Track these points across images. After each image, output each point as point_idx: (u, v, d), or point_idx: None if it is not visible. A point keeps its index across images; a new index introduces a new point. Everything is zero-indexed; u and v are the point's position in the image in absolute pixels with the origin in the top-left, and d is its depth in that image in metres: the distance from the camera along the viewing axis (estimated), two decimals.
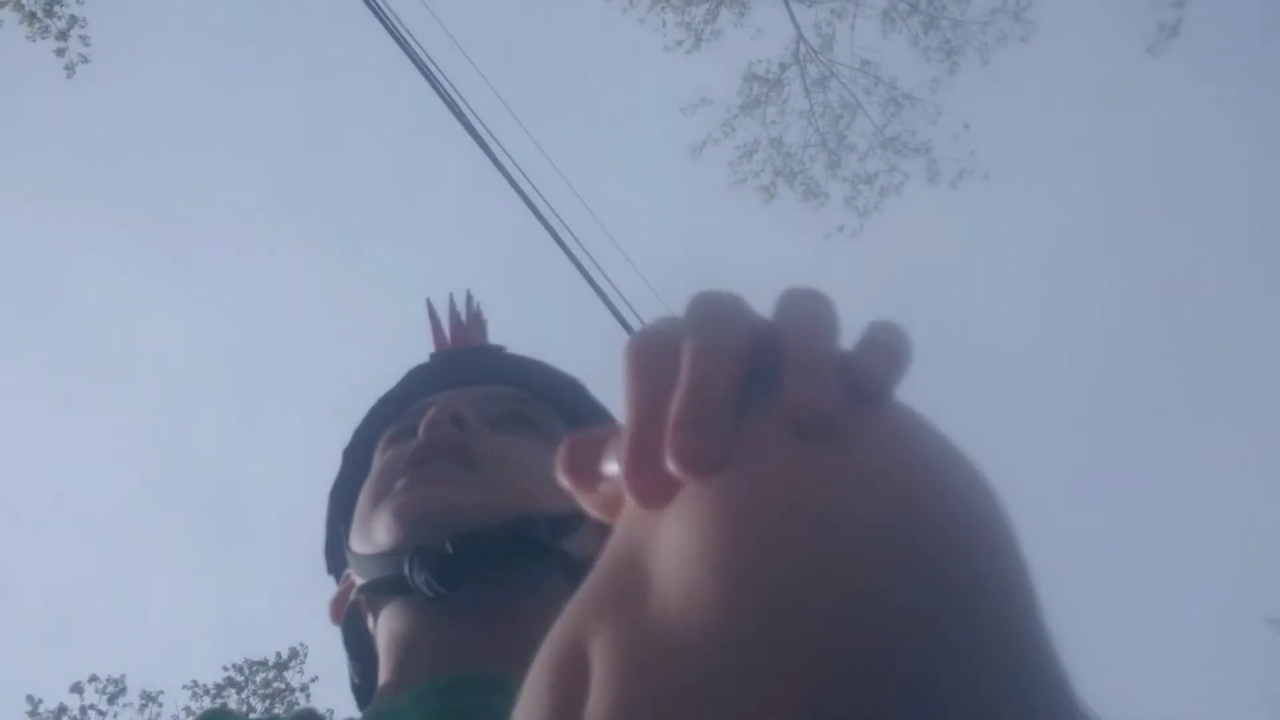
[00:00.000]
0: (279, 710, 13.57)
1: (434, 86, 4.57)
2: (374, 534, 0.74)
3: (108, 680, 13.01)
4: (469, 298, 1.02)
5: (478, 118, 4.57)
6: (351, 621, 0.82)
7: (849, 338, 0.33)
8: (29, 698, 12.64)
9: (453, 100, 4.57)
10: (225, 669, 13.54)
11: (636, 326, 5.01)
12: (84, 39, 10.94)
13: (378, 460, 0.83)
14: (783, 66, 12.91)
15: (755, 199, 13.23)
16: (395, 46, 4.63)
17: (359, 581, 0.77)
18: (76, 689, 12.86)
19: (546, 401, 0.89)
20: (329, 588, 0.88)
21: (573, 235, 4.84)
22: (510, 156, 4.69)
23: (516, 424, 0.83)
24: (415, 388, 0.91)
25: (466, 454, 0.75)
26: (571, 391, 0.92)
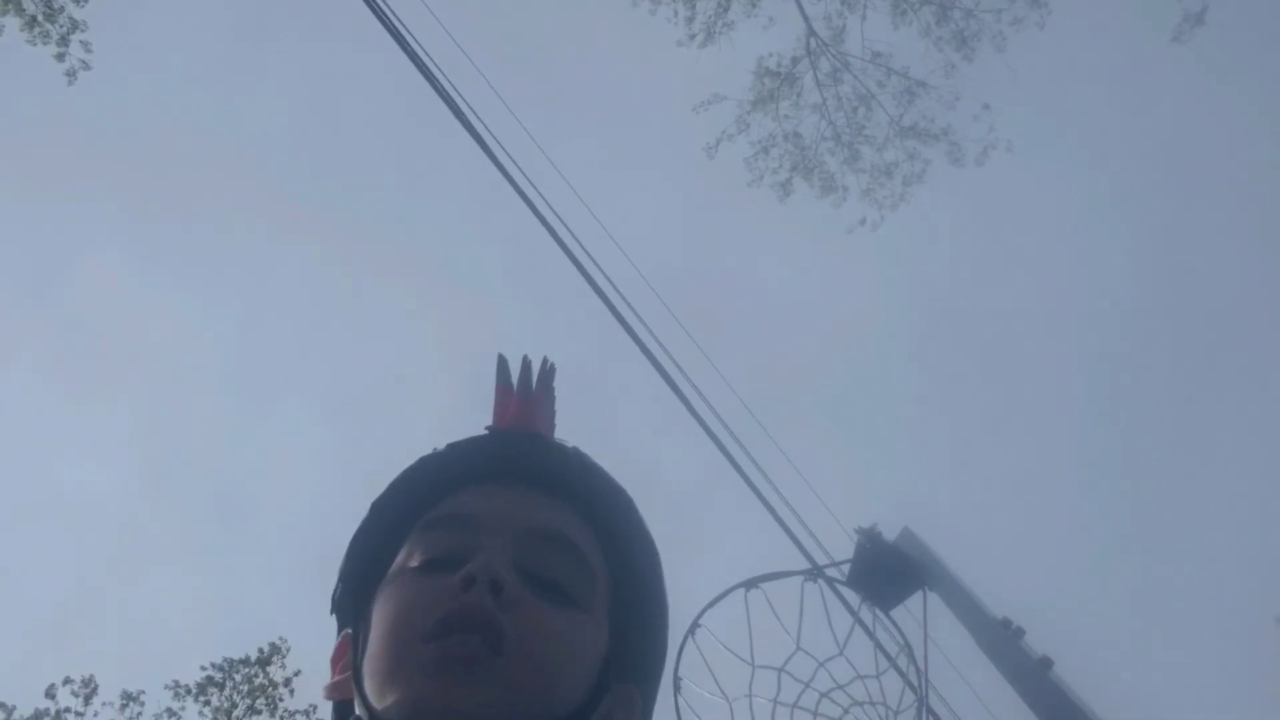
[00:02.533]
0: (261, 704, 13.67)
1: (434, 86, 4.52)
2: (386, 695, 0.73)
3: (81, 682, 12.93)
4: (545, 366, 0.96)
5: (478, 117, 4.52)
6: (340, 709, 0.83)
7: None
8: (1, 705, 12.54)
9: (453, 100, 4.53)
10: (203, 668, 13.50)
11: (641, 333, 5.03)
12: (85, 44, 10.90)
13: (406, 561, 0.82)
14: (794, 60, 12.90)
15: (772, 196, 13.20)
16: (397, 47, 4.58)
17: (359, 713, 0.76)
18: (50, 694, 12.78)
19: (594, 527, 0.87)
20: (321, 587, 0.90)
21: (576, 239, 4.80)
22: (512, 158, 4.64)
23: (555, 578, 0.80)
24: (466, 469, 0.88)
25: (496, 634, 0.73)
26: (624, 514, 0.89)
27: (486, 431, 0.92)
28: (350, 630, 0.84)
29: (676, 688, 4.42)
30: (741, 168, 13.13)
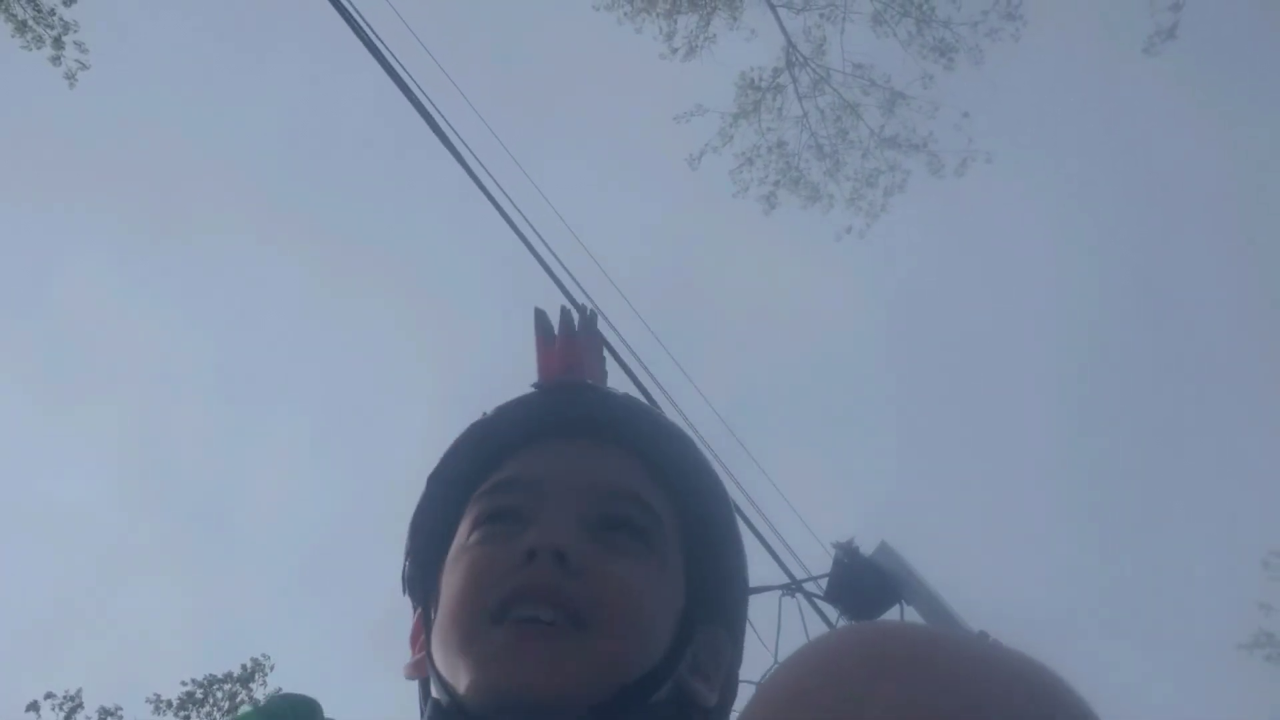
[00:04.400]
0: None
1: (411, 100, 4.54)
2: (459, 678, 0.70)
3: (64, 697, 12.79)
4: (586, 315, 0.93)
5: (457, 132, 4.54)
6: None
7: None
8: None
9: (431, 115, 4.54)
10: (184, 684, 13.40)
11: (621, 351, 5.06)
12: (79, 45, 10.85)
13: (469, 532, 0.78)
14: (775, 72, 13.02)
15: (751, 209, 13.31)
16: (377, 63, 4.60)
17: (436, 696, 0.74)
18: (33, 708, 12.63)
19: (655, 471, 0.83)
20: (314, 602, 0.86)
21: (553, 254, 4.82)
22: (490, 172, 4.66)
23: (623, 531, 0.76)
24: (518, 430, 0.85)
25: (568, 606, 0.69)
26: (682, 454, 0.86)
27: (533, 388, 0.89)
28: (423, 609, 0.82)
29: None
30: (724, 179, 13.24)
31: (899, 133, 12.89)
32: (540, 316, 0.93)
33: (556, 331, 0.93)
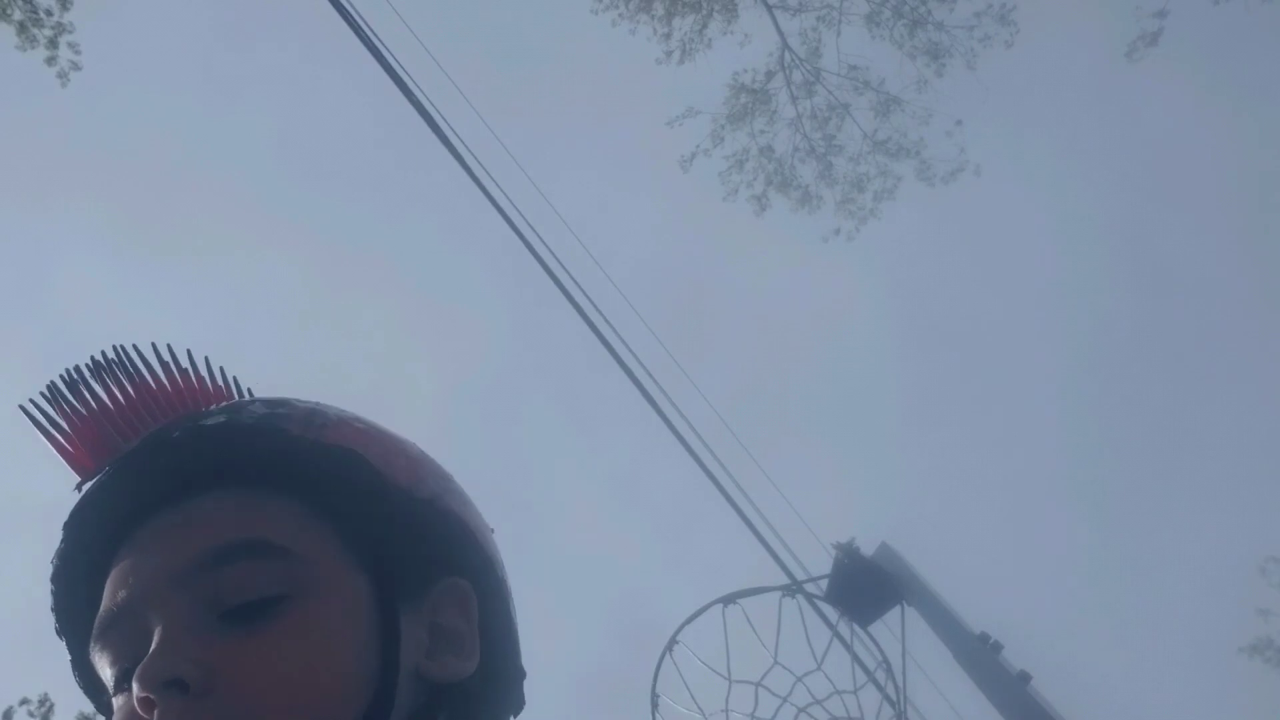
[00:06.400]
0: None
1: (413, 102, 4.53)
2: None
3: (39, 700, 12.72)
4: (71, 378, 0.74)
5: (458, 134, 4.53)
6: None
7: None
8: None
9: (433, 118, 4.53)
10: None
11: (623, 353, 5.04)
12: (73, 46, 10.95)
13: (113, 692, 0.68)
14: (769, 74, 13.06)
15: (748, 210, 13.35)
16: (379, 66, 4.59)
17: None
18: (7, 715, 12.56)
19: (275, 483, 0.70)
20: None
21: (555, 257, 4.80)
22: (491, 175, 4.65)
23: (247, 606, 0.64)
24: (97, 548, 0.71)
25: None
26: (295, 445, 0.72)
27: (78, 492, 0.73)
28: None
29: (654, 704, 4.41)
30: (718, 181, 13.26)
31: (891, 136, 12.93)
32: (40, 419, 0.75)
33: (55, 419, 0.75)
